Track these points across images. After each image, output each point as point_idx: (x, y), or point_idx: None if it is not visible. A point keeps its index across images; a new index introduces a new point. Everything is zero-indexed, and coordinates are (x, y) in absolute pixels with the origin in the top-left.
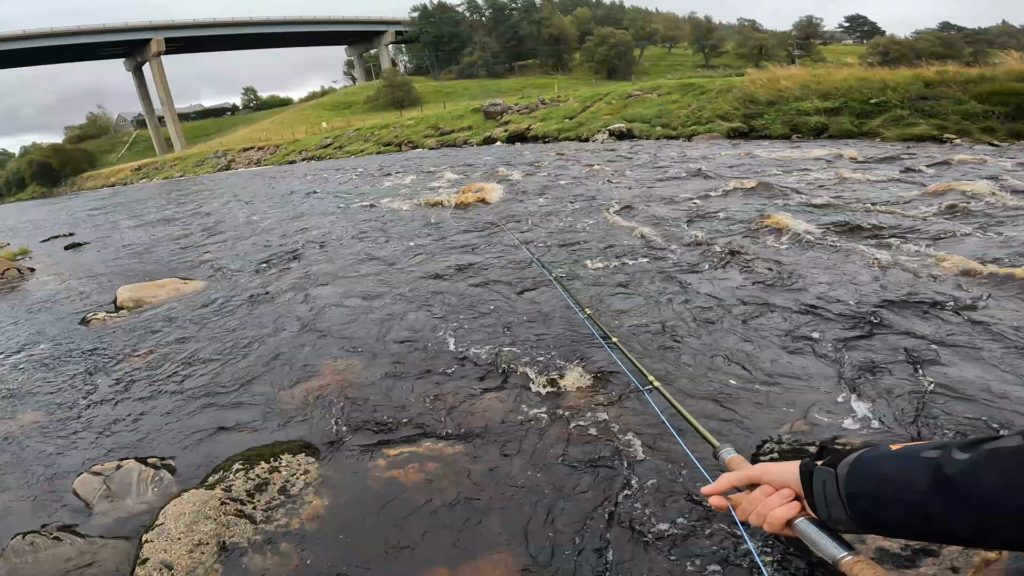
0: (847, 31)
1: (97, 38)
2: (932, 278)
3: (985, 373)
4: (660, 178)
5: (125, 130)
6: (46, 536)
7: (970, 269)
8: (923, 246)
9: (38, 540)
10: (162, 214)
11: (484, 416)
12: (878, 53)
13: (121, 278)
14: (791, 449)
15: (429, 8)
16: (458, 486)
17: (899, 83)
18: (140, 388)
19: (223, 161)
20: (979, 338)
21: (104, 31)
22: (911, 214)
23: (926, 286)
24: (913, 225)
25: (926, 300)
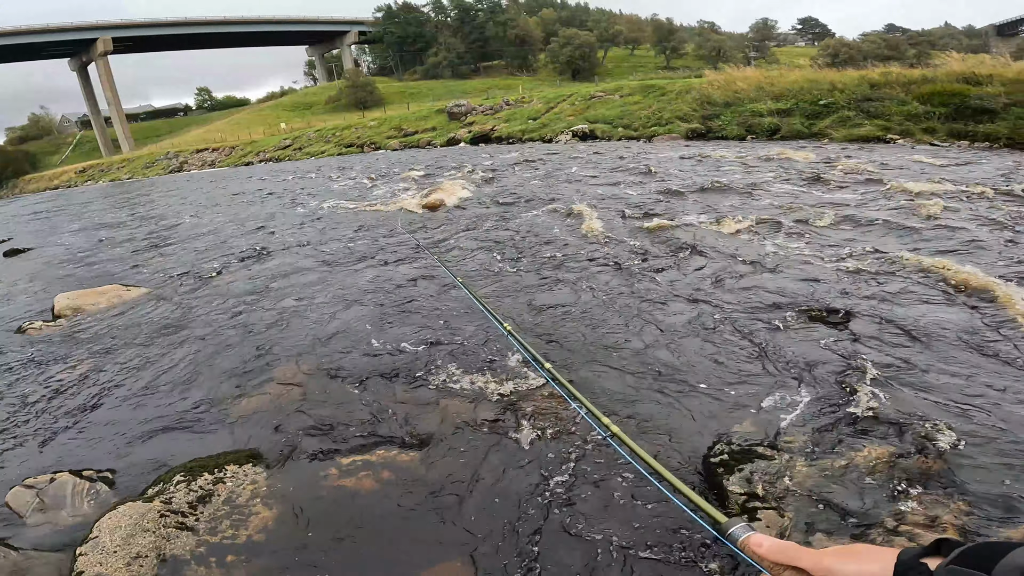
0: (800, 33)
1: (40, 38)
2: (875, 275)
3: (925, 365)
4: (612, 181)
5: (69, 131)
6: None
7: (885, 264)
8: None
9: None
10: (107, 218)
11: (438, 423)
12: (828, 55)
13: (61, 285)
14: (741, 451)
15: (394, 8)
16: (412, 494)
17: (846, 85)
18: (76, 399)
19: (175, 163)
20: (913, 333)
21: (47, 31)
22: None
23: (875, 283)
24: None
25: (873, 296)
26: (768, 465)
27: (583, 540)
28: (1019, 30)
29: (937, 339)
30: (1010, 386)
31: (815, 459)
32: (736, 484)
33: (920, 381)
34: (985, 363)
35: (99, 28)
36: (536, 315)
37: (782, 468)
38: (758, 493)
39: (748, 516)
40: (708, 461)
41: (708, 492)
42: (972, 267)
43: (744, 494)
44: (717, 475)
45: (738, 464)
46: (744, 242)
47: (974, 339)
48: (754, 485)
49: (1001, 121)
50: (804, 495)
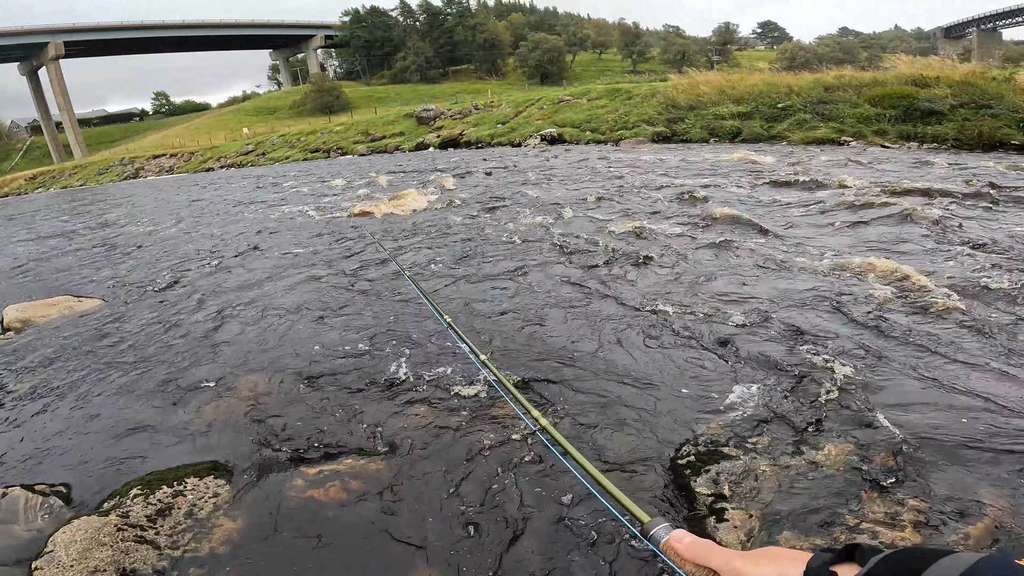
0: (760, 37)
1: None
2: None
3: (882, 363)
4: (577, 187)
5: (18, 136)
6: None
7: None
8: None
9: None
10: (58, 226)
11: (407, 431)
12: (785, 58)
13: (9, 297)
14: (708, 452)
15: (361, 12)
16: (381, 503)
17: (802, 88)
18: (27, 412)
19: (130, 169)
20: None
21: None
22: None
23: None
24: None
25: (826, 297)
26: (733, 465)
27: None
28: (966, 32)
29: (892, 338)
30: (964, 382)
31: (778, 459)
32: (703, 485)
33: (877, 379)
34: (940, 360)
35: (50, 32)
36: (491, 319)
37: (747, 468)
38: (725, 493)
39: (716, 516)
40: (675, 463)
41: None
42: (917, 266)
43: (712, 495)
44: (683, 476)
45: (704, 465)
46: (702, 245)
47: (928, 338)
48: (720, 486)
49: (948, 123)
50: (769, 494)
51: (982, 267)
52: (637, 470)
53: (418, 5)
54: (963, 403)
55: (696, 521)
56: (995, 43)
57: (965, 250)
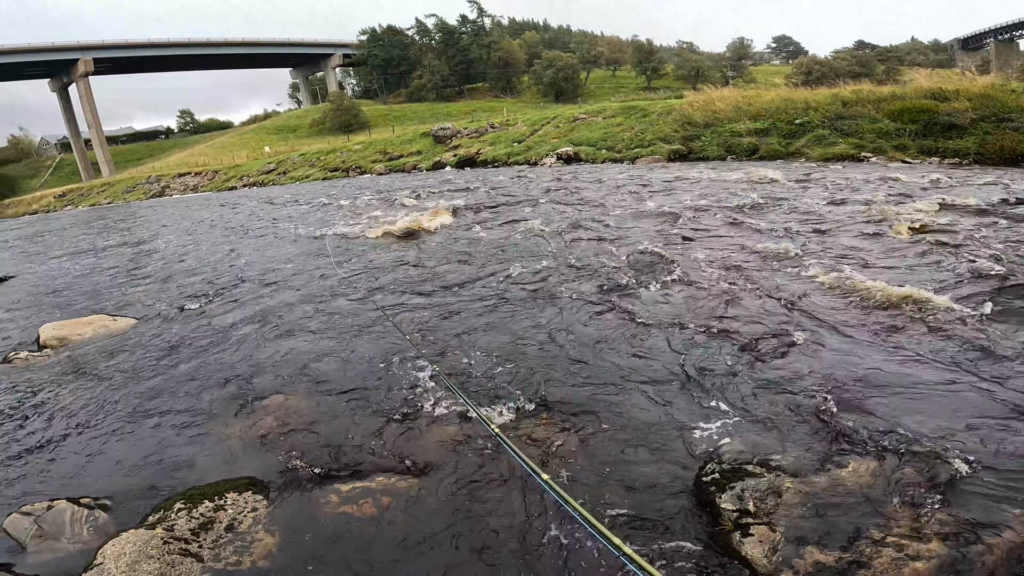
0: (775, 51)
1: (20, 58)
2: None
3: (908, 382)
4: (599, 212)
5: (48, 154)
6: None
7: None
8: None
9: None
10: (88, 245)
11: (437, 449)
12: (801, 73)
13: (44, 315)
14: (731, 470)
15: (378, 31)
16: (412, 520)
17: (820, 103)
18: (67, 429)
19: (156, 187)
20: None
21: (28, 51)
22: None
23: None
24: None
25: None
26: (757, 483)
27: None
28: (983, 44)
29: (918, 356)
30: (993, 401)
31: (803, 476)
32: (728, 501)
33: (903, 397)
34: (966, 380)
35: (80, 49)
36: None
37: (772, 485)
38: (749, 509)
39: (740, 532)
40: (700, 480)
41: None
42: (943, 295)
43: (736, 511)
44: (708, 493)
45: (729, 482)
46: (725, 265)
47: (957, 358)
48: (745, 502)
49: (969, 136)
50: (794, 510)
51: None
52: (661, 488)
53: (433, 24)
54: (992, 420)
55: (720, 536)
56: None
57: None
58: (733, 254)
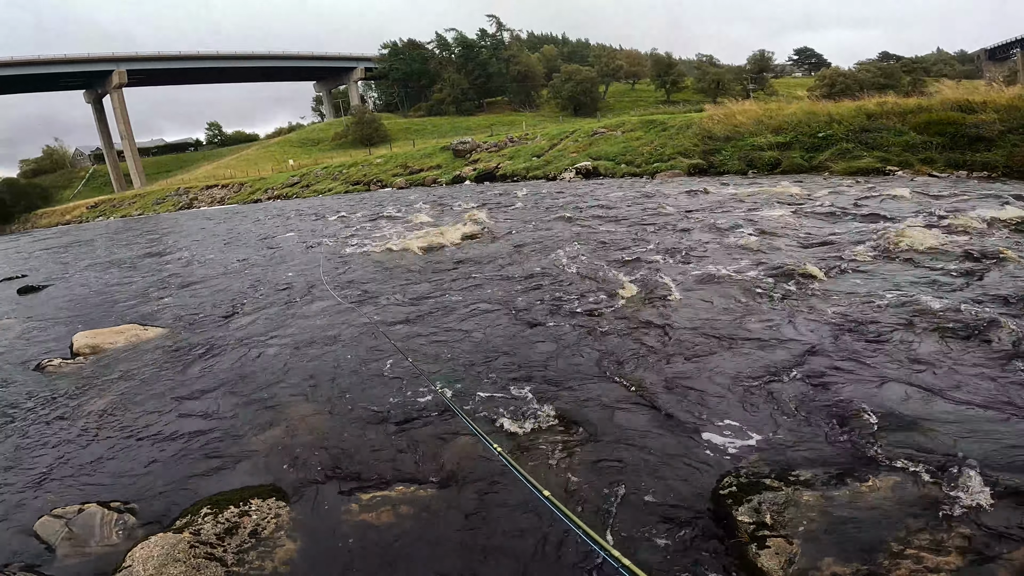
0: (796, 64)
1: (57, 68)
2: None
3: (930, 397)
4: (613, 233)
5: (82, 164)
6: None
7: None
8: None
9: None
10: (120, 255)
11: (456, 460)
12: (824, 85)
13: (78, 323)
14: (749, 483)
15: (399, 45)
16: (431, 529)
17: (844, 116)
18: (98, 434)
19: (184, 199)
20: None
21: (65, 61)
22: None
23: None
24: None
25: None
26: (776, 496)
27: None
28: (1010, 54)
29: (940, 373)
30: (1020, 418)
31: (822, 490)
32: (745, 514)
33: (924, 413)
34: (991, 390)
35: (114, 60)
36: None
37: (790, 498)
38: (766, 522)
39: (757, 543)
40: (716, 493)
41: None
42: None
43: (753, 523)
44: (724, 505)
45: (746, 495)
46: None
47: (983, 370)
48: (762, 515)
49: (997, 149)
50: (812, 523)
51: None
52: (676, 500)
53: (453, 38)
54: (1017, 435)
55: (736, 548)
56: None
57: None
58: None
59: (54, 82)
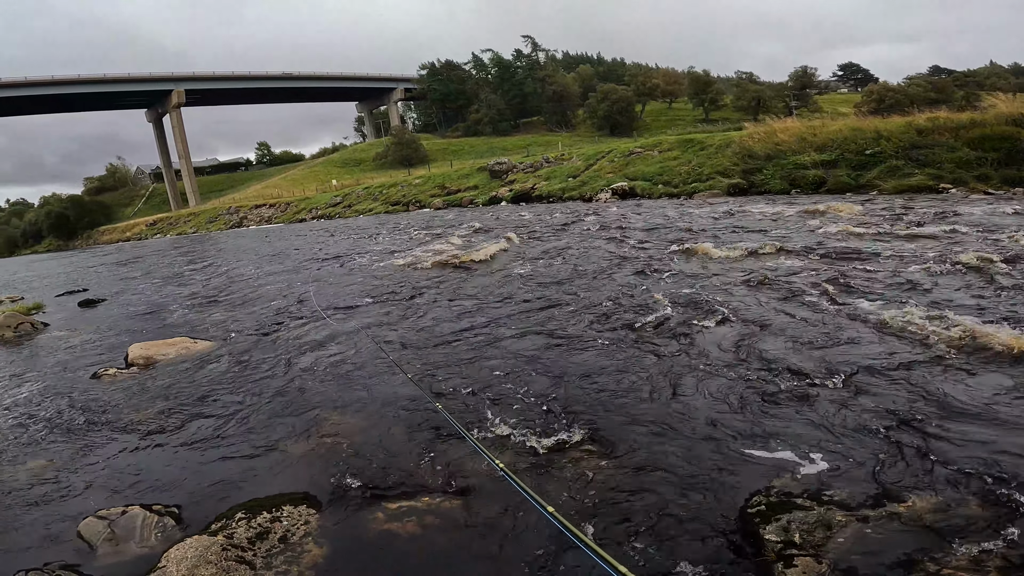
0: (841, 79)
1: (122, 87)
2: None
3: (969, 418)
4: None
5: (143, 183)
6: (47, 574)
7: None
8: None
9: None
10: (175, 271)
11: (481, 473)
12: (872, 101)
13: (132, 335)
14: (779, 502)
15: (437, 66)
16: (454, 541)
17: (892, 132)
18: (147, 440)
19: (235, 218)
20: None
21: (128, 80)
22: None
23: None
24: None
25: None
26: (806, 515)
27: None
28: None
29: (980, 396)
30: None
31: (856, 509)
32: (773, 533)
33: (971, 431)
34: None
35: (173, 80)
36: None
37: (821, 518)
38: (795, 541)
39: (784, 562)
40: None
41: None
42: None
43: (781, 542)
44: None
45: (775, 514)
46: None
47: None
48: (791, 534)
49: None
50: (844, 543)
51: None
52: (701, 518)
53: (489, 59)
54: None
55: (762, 567)
56: None
57: None
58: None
59: (118, 100)
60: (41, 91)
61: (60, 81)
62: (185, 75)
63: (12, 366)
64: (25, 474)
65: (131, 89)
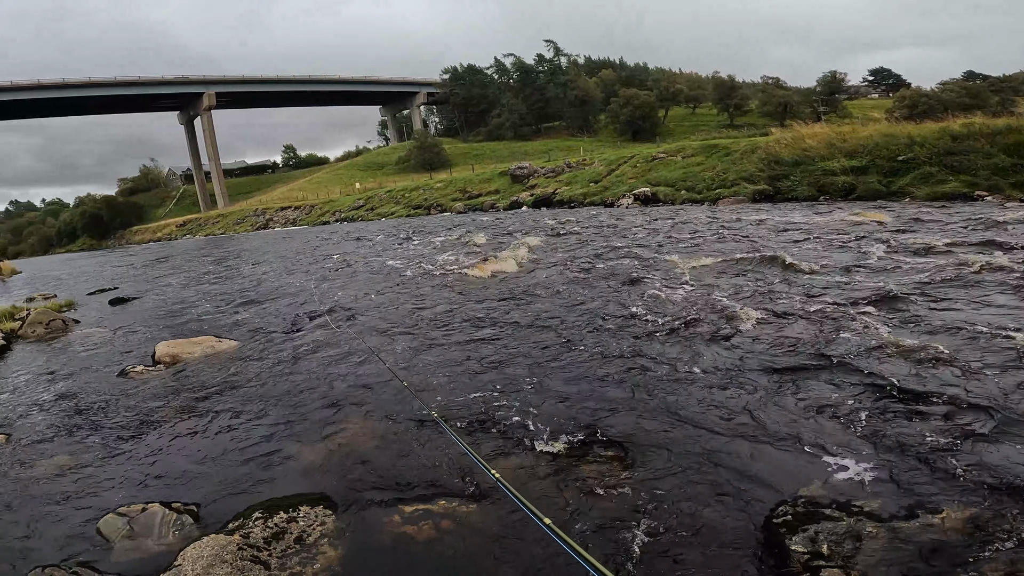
0: (872, 85)
1: (157, 89)
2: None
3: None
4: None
5: (174, 184)
6: (64, 570)
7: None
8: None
9: (56, 573)
10: (203, 271)
11: (495, 478)
12: (905, 106)
13: (160, 334)
14: (806, 512)
15: (459, 70)
16: (469, 545)
17: (926, 138)
18: (170, 438)
19: (261, 220)
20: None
21: (162, 83)
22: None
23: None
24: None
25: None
26: (835, 526)
27: None
28: None
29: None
30: None
31: (888, 521)
32: (799, 544)
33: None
34: None
35: (205, 82)
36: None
37: (851, 529)
38: (823, 552)
39: (810, 574)
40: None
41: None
42: None
43: (808, 553)
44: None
45: (802, 524)
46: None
47: None
48: (819, 545)
49: None
50: (873, 555)
51: None
52: (724, 527)
53: (511, 63)
54: None
55: None
56: None
57: None
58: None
59: (152, 103)
60: (77, 93)
61: (96, 83)
62: (216, 78)
63: (43, 362)
64: (49, 469)
65: (164, 92)
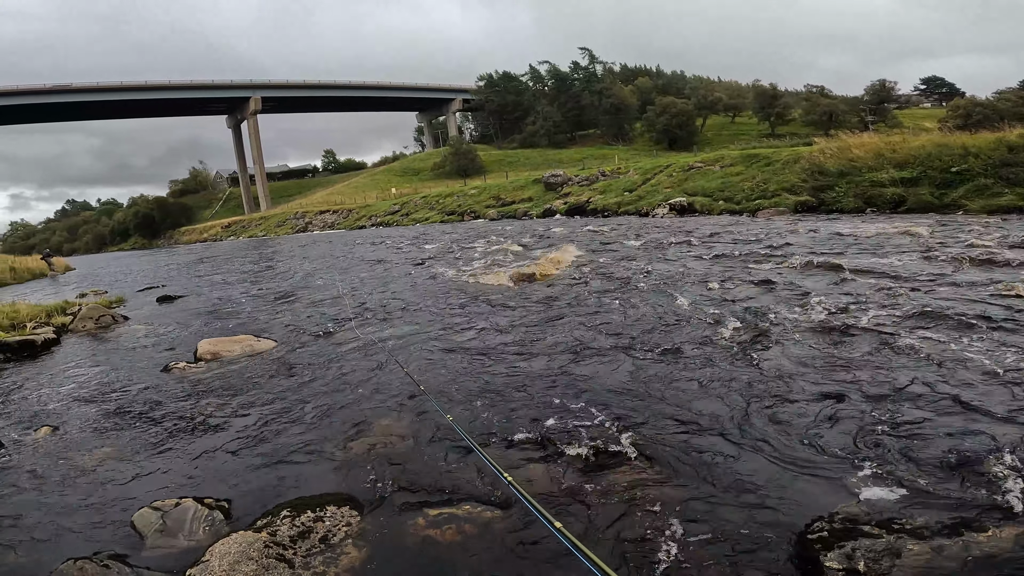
0: (924, 94)
1: (207, 93)
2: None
3: None
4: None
5: (220, 187)
6: (96, 563)
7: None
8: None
9: (87, 566)
10: (245, 272)
11: (525, 484)
12: (959, 116)
13: (203, 331)
14: (843, 529)
15: (494, 77)
16: (492, 550)
17: (981, 148)
18: (207, 434)
19: (301, 223)
20: None
21: (211, 87)
22: None
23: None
24: None
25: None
26: (873, 543)
27: None
28: None
29: None
30: None
31: (929, 539)
32: (835, 560)
33: None
34: None
35: (252, 87)
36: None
37: (890, 546)
38: (859, 569)
39: None
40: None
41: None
42: None
43: (842, 569)
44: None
45: (838, 541)
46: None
47: None
48: (855, 561)
49: None
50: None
51: None
52: (756, 542)
53: (546, 71)
54: None
55: None
56: None
57: None
58: None
59: (203, 107)
60: (135, 96)
61: (153, 87)
62: (262, 83)
63: (92, 356)
64: (91, 461)
65: (214, 96)
